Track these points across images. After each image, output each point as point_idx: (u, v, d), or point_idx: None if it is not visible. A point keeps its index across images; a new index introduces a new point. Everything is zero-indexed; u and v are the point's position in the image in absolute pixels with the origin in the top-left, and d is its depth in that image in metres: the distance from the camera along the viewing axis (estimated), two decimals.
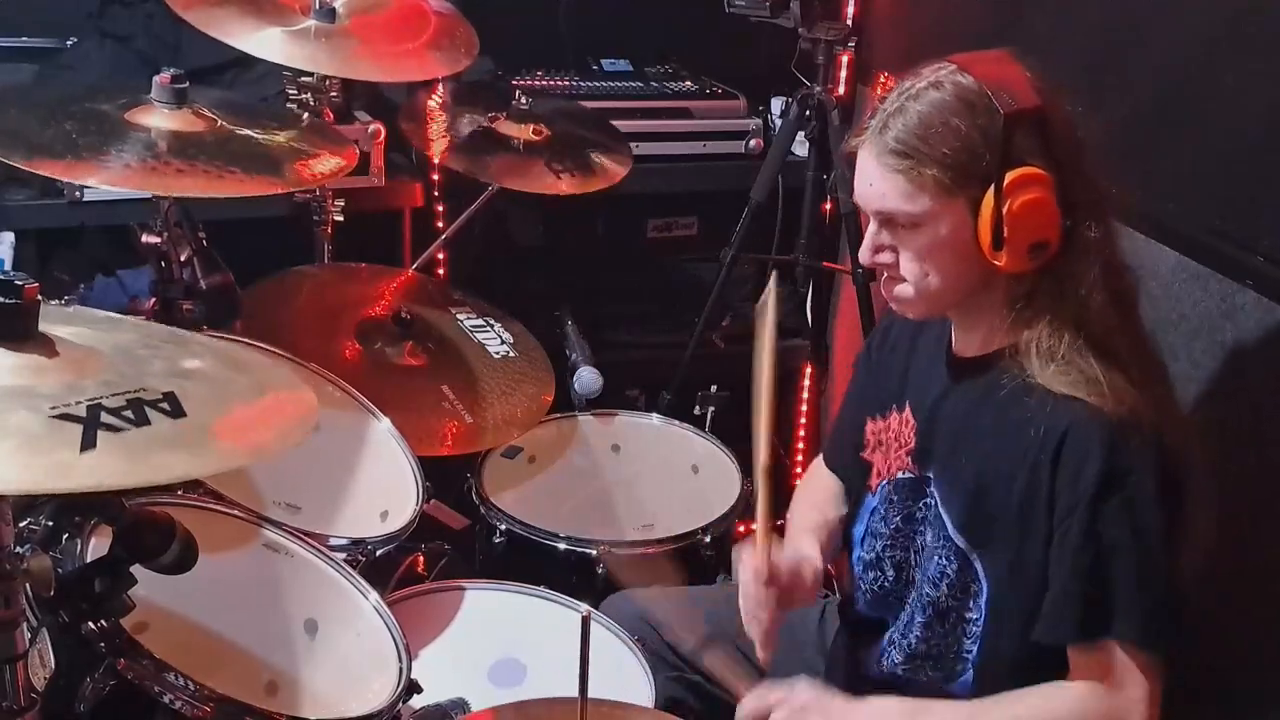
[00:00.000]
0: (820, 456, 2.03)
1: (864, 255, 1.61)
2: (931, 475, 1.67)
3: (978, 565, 1.61)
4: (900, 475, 1.72)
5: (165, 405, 1.17)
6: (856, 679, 1.78)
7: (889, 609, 1.75)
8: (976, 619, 1.62)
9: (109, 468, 1.08)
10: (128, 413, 1.14)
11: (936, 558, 1.64)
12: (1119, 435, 1.48)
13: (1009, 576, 1.58)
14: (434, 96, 2.63)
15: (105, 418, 1.12)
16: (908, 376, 1.76)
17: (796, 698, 1.62)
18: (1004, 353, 1.57)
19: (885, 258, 1.59)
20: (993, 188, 1.47)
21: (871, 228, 1.59)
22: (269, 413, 1.28)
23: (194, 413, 1.18)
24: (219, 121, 1.95)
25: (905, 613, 1.71)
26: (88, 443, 1.08)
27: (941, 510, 1.64)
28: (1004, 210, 1.47)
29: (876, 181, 1.54)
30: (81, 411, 1.12)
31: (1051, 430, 1.51)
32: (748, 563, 1.70)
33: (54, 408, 1.11)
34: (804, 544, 1.81)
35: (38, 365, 1.16)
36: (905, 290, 1.59)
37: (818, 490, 1.98)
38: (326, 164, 1.99)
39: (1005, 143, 1.47)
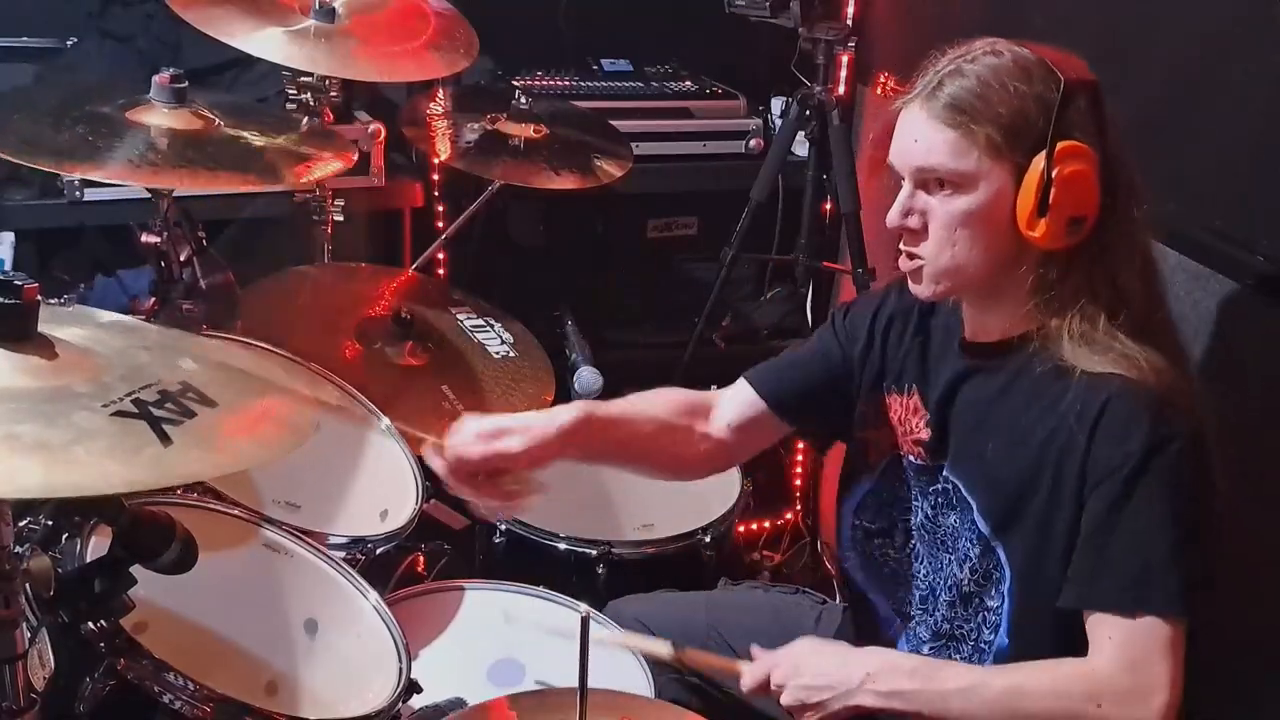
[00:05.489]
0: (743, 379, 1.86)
1: (892, 217, 1.56)
2: (947, 463, 1.64)
3: (1001, 553, 1.58)
4: (910, 458, 1.69)
5: (192, 395, 1.15)
6: None
7: (897, 583, 1.73)
8: (997, 608, 1.59)
9: (198, 457, 1.06)
10: (169, 405, 1.11)
11: (962, 541, 1.61)
12: (1162, 405, 1.46)
13: (1034, 563, 1.54)
14: (435, 102, 2.62)
15: (155, 411, 1.09)
16: (913, 360, 1.71)
17: (792, 658, 1.61)
18: (1029, 337, 1.55)
19: (914, 221, 1.55)
20: (1043, 154, 1.46)
21: (906, 189, 1.55)
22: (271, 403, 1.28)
23: (222, 402, 1.16)
24: (217, 121, 1.95)
25: (923, 591, 1.69)
26: (162, 437, 1.06)
27: (966, 496, 1.61)
28: (1052, 177, 1.45)
29: (924, 138, 1.52)
30: (131, 407, 1.09)
31: (1089, 404, 1.48)
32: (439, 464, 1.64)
33: (104, 405, 1.08)
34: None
35: (41, 366, 1.15)
36: (926, 260, 1.56)
37: (701, 397, 1.85)
38: (325, 167, 2.00)
39: (1061, 112, 1.46)
